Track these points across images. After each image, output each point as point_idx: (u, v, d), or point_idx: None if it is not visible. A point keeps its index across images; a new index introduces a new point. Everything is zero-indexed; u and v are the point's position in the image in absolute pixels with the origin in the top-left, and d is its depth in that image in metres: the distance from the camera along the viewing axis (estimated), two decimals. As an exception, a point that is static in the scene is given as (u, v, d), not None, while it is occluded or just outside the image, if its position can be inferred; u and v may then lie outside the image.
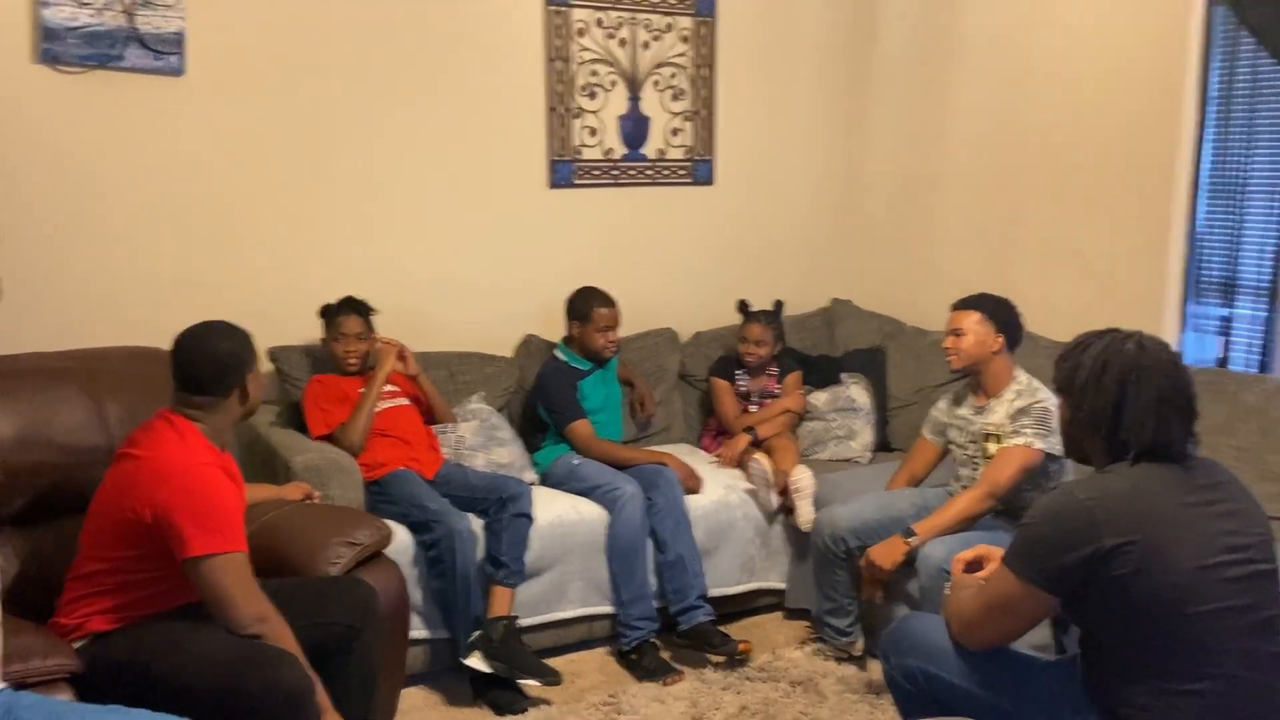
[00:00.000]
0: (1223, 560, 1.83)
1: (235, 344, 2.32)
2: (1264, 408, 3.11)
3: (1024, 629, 1.99)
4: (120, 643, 2.16)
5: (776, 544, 3.57)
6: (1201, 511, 1.87)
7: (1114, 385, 1.91)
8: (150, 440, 2.23)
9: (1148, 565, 1.81)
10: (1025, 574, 1.90)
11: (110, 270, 3.36)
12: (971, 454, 3.08)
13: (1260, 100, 3.28)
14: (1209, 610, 1.81)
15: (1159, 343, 1.95)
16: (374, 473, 3.19)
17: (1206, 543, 1.84)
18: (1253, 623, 1.84)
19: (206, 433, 2.27)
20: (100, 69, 3.23)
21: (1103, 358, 1.93)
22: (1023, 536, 1.94)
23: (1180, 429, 1.91)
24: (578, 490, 3.42)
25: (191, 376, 2.27)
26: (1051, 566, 1.86)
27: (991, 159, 4.06)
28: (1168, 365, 1.92)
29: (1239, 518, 1.89)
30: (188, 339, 2.30)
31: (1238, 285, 3.38)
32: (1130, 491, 1.87)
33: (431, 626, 3.09)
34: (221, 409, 2.30)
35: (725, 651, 3.21)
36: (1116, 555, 1.81)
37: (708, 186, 4.38)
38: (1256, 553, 1.87)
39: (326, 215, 3.68)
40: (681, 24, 4.20)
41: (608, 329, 3.62)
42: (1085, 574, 1.84)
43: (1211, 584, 1.82)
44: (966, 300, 3.09)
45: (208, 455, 2.24)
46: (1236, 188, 3.34)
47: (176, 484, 2.14)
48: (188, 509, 2.13)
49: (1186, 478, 1.90)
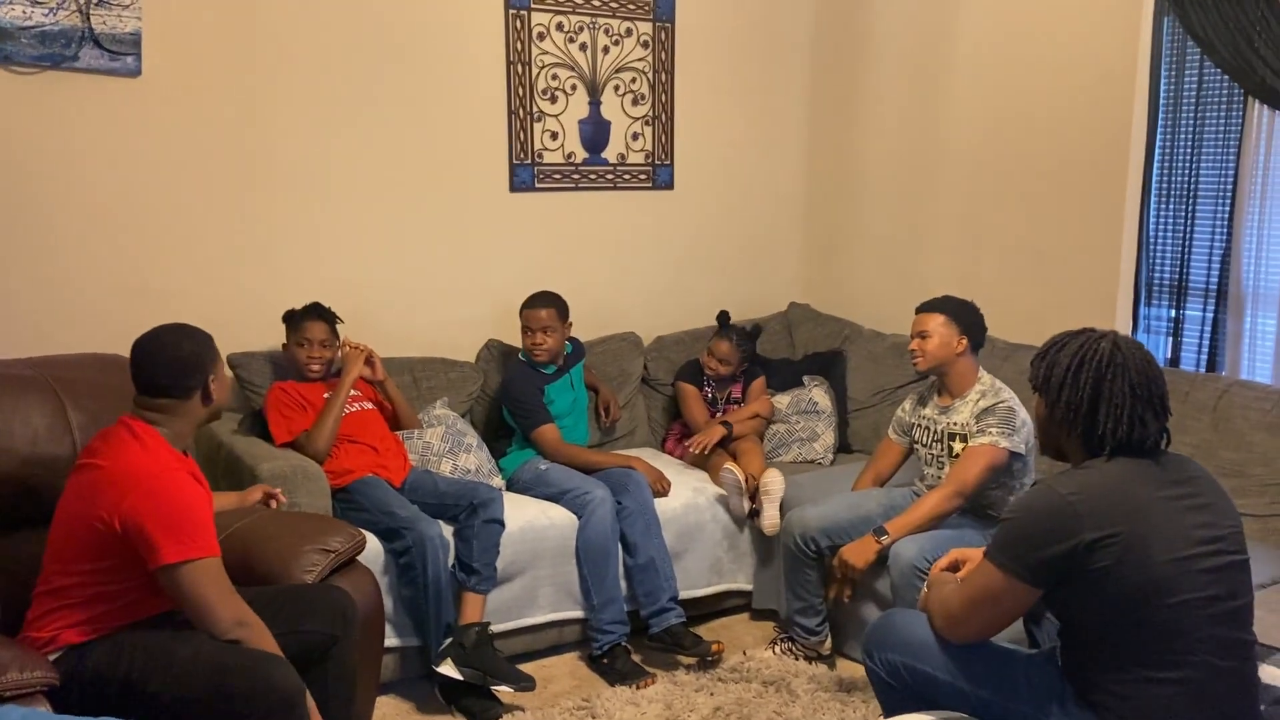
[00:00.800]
0: (1197, 552, 1.89)
1: (197, 344, 2.27)
2: (1214, 405, 3.22)
3: (1007, 621, 2.04)
4: (98, 654, 2.11)
5: (744, 546, 3.60)
6: (1176, 505, 1.92)
7: (1089, 382, 1.96)
8: (112, 449, 2.17)
9: (1127, 558, 1.86)
10: (1008, 567, 1.94)
11: (66, 276, 3.28)
12: (937, 453, 3.14)
13: (1206, 109, 3.39)
14: (1184, 600, 1.87)
15: (1133, 342, 2.01)
16: (341, 480, 3.15)
17: (1182, 535, 1.90)
18: (1226, 611, 1.91)
19: (168, 437, 2.22)
20: (54, 69, 3.15)
21: (1079, 355, 1.99)
22: (1005, 531, 1.98)
23: (1154, 425, 1.97)
24: (546, 495, 3.41)
25: (153, 379, 2.22)
26: (1034, 560, 1.91)
27: (949, 165, 4.14)
28: (1141, 363, 1.97)
29: (1211, 510, 1.95)
30: (148, 341, 2.25)
31: (1187, 288, 3.49)
32: (1110, 486, 1.92)
33: (402, 634, 3.06)
34: (184, 411, 2.24)
35: (697, 653, 3.22)
36: (1097, 548, 1.86)
37: (668, 191, 4.41)
38: (1229, 544, 1.93)
39: (287, 219, 3.63)
40: (641, 28, 4.22)
41: (532, 330, 3.61)
42: (1067, 566, 1.88)
43: (1187, 575, 1.88)
44: (931, 303, 3.14)
45: (172, 460, 2.19)
46: (1185, 193, 3.45)
47: (144, 491, 2.09)
48: (157, 516, 2.07)
49: (1161, 473, 1.96)
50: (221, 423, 3.38)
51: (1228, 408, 3.19)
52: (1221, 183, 3.37)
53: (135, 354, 2.25)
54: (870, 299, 4.45)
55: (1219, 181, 3.38)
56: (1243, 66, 3.16)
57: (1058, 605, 2.00)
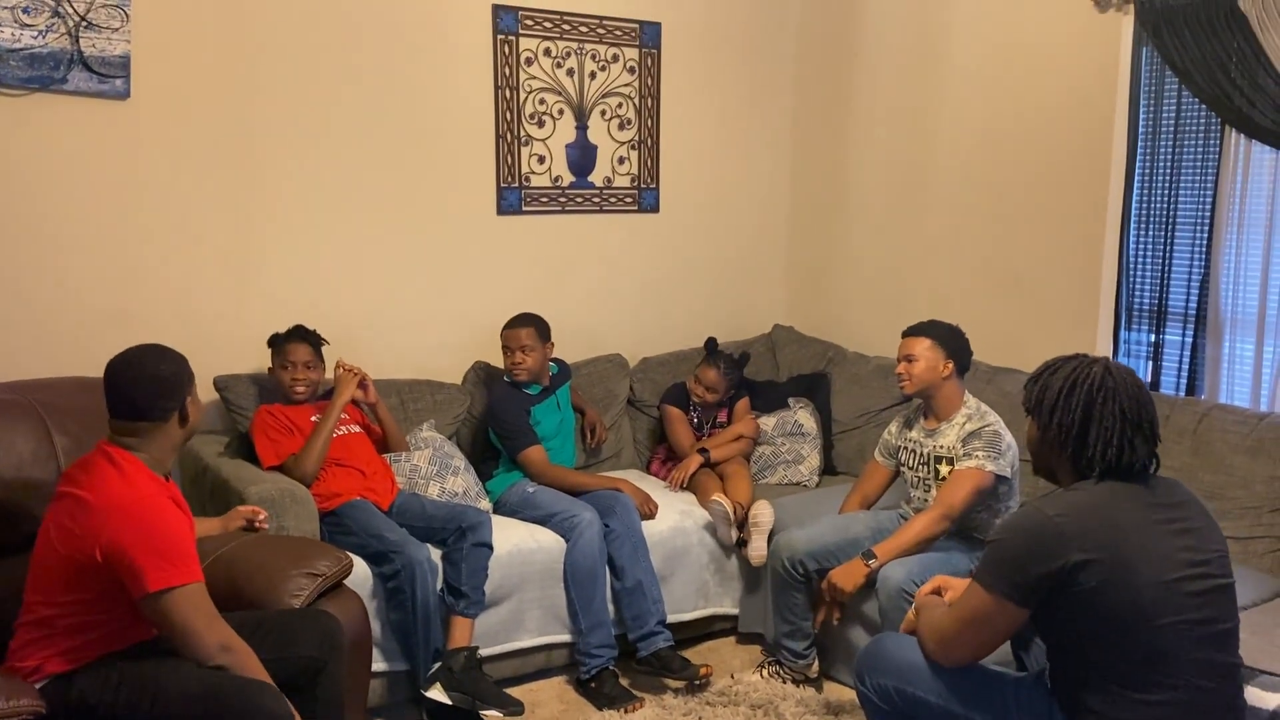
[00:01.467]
0: (1184, 575, 1.92)
1: (173, 365, 2.23)
2: (1194, 429, 3.26)
3: (998, 642, 2.06)
4: (83, 682, 2.09)
5: (730, 570, 3.60)
6: (1164, 529, 1.95)
7: (1080, 404, 2.00)
8: (91, 477, 2.14)
9: (1114, 579, 1.89)
10: (996, 588, 1.96)
11: (52, 298, 3.27)
12: (923, 476, 3.16)
13: (1184, 137, 3.45)
14: (1171, 623, 1.90)
15: (1124, 368, 2.05)
16: (329, 503, 3.14)
17: (1169, 558, 1.92)
18: (1213, 634, 1.93)
19: (148, 462, 2.19)
20: (43, 91, 3.15)
21: (1071, 378, 2.03)
22: (993, 552, 2.00)
23: (1143, 449, 2.00)
24: (533, 518, 3.41)
25: (129, 402, 2.18)
26: (1022, 581, 1.93)
27: (929, 189, 4.19)
28: (1133, 388, 2.01)
29: (1198, 534, 1.98)
30: (122, 364, 2.21)
31: (1167, 312, 3.54)
32: (1097, 508, 1.95)
33: (390, 659, 3.04)
34: (161, 434, 2.21)
35: (685, 676, 3.22)
36: (1084, 569, 1.88)
37: (653, 214, 4.43)
38: (1215, 568, 1.96)
39: (274, 242, 3.63)
40: (628, 54, 4.26)
41: (511, 350, 3.62)
42: (1054, 587, 1.91)
43: (1173, 598, 1.90)
44: (917, 327, 3.17)
45: (152, 486, 2.17)
46: (1164, 220, 3.51)
47: (125, 519, 2.07)
48: (140, 544, 2.05)
49: (1149, 496, 1.99)
50: (207, 445, 3.38)
51: (1208, 431, 3.23)
52: (1200, 209, 3.42)
53: (110, 377, 2.20)
54: (854, 321, 4.49)
55: (1197, 208, 3.43)
56: (1219, 96, 3.22)
57: (1045, 627, 2.02)
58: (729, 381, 3.93)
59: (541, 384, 3.71)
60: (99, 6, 3.16)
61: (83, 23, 3.15)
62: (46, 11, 3.09)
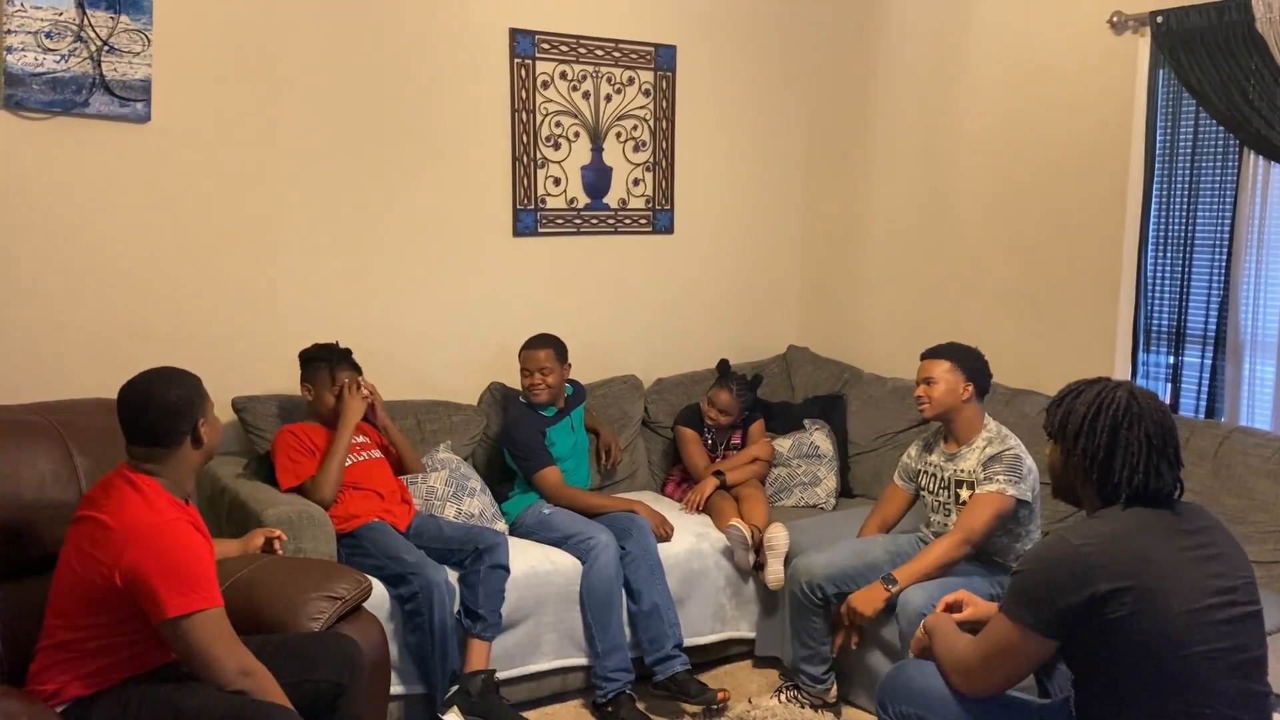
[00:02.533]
0: (1212, 603, 1.89)
1: (184, 389, 2.21)
2: (1215, 452, 3.24)
3: (1024, 674, 2.03)
4: (103, 707, 2.08)
5: (747, 593, 3.58)
6: (1191, 555, 1.93)
7: (1106, 430, 1.98)
8: (112, 501, 2.14)
9: (1142, 608, 1.86)
10: (1023, 620, 1.94)
11: (73, 320, 3.28)
12: (943, 500, 3.14)
13: (1201, 158, 3.44)
14: (1200, 652, 1.87)
15: (1148, 392, 2.03)
16: (346, 525, 3.13)
17: (1197, 586, 1.90)
18: (1241, 663, 1.91)
19: (167, 486, 2.19)
20: (65, 115, 3.17)
21: (1095, 403, 2.01)
22: (1019, 583, 1.98)
23: (1169, 474, 1.98)
24: (550, 540, 3.39)
25: (142, 428, 2.18)
26: (1049, 612, 1.90)
27: (946, 211, 4.19)
28: (1157, 413, 1.99)
29: (1225, 560, 1.96)
30: (131, 391, 2.21)
31: (1185, 334, 3.52)
32: (1123, 536, 1.93)
33: (406, 682, 3.03)
34: (177, 458, 2.21)
35: (703, 701, 3.19)
36: (1112, 599, 1.86)
37: (668, 235, 4.44)
38: (1243, 595, 1.94)
39: (292, 263, 3.64)
40: (643, 78, 4.27)
41: (530, 372, 3.61)
42: (1081, 617, 1.88)
43: (1202, 626, 1.88)
44: (936, 349, 3.16)
45: (173, 511, 2.16)
46: (1182, 242, 3.50)
47: (145, 544, 2.06)
48: (159, 569, 2.05)
49: (1175, 522, 1.97)
50: (226, 467, 3.39)
51: (1228, 454, 3.21)
52: (1218, 231, 3.41)
53: (121, 404, 2.20)
54: (870, 343, 4.48)
55: (1215, 230, 3.42)
56: (1237, 118, 3.22)
57: (1072, 656, 2.00)
58: (742, 404, 3.92)
59: (557, 405, 3.71)
60: (121, 31, 3.19)
61: (105, 47, 3.17)
62: (69, 36, 3.12)
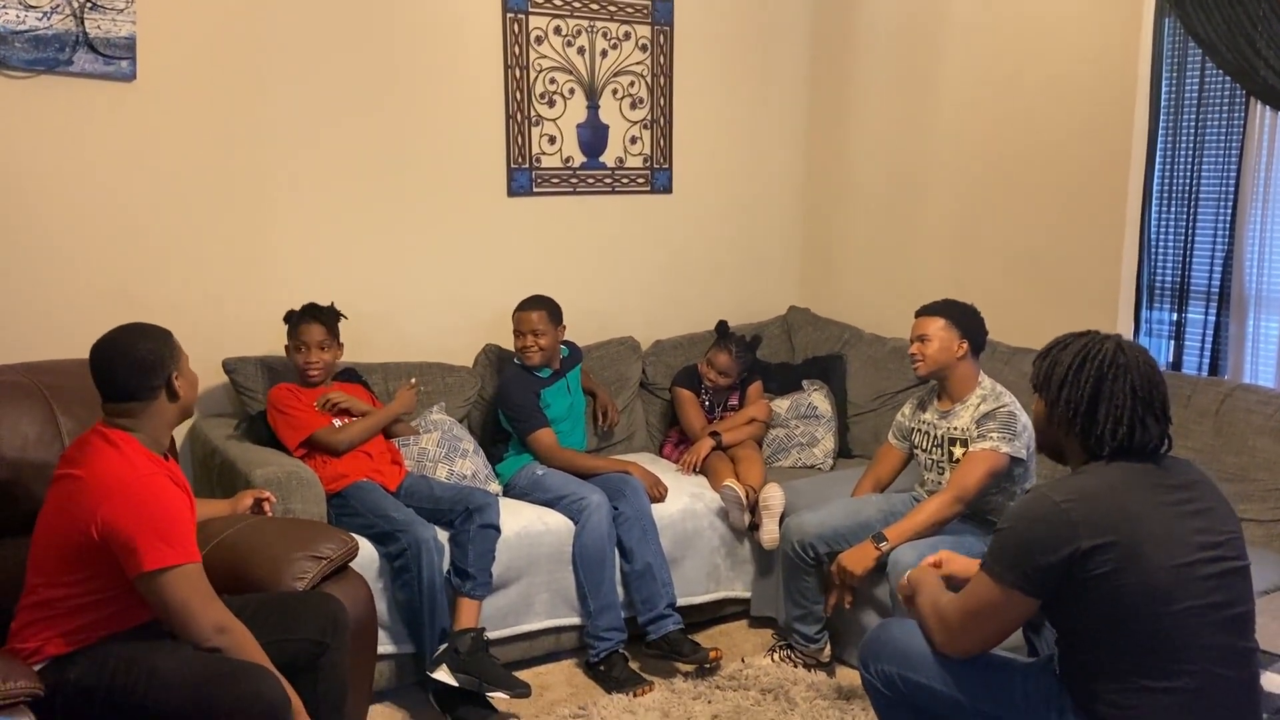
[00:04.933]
0: (1197, 558, 1.86)
1: (152, 342, 2.20)
2: (1217, 410, 3.19)
3: (1007, 632, 2.00)
4: (83, 665, 2.08)
5: (742, 553, 3.57)
6: (1175, 510, 1.89)
7: (1091, 380, 1.94)
8: (88, 457, 2.13)
9: (1125, 565, 1.83)
10: (1005, 578, 1.91)
11: (58, 281, 3.26)
12: (937, 459, 3.11)
13: (1208, 111, 3.36)
14: (1184, 608, 1.84)
15: (1136, 346, 1.99)
16: (335, 485, 3.13)
17: (1181, 541, 1.86)
18: (1227, 619, 1.87)
19: (144, 441, 2.17)
20: (48, 74, 3.14)
21: (1081, 354, 1.97)
22: (1000, 541, 1.95)
23: (1155, 428, 1.94)
24: (542, 500, 3.38)
25: (115, 384, 2.17)
26: (1030, 570, 1.87)
27: (948, 168, 4.11)
28: (1144, 366, 1.95)
29: (1210, 516, 1.92)
30: (101, 347, 2.19)
31: (1189, 290, 3.46)
32: (1105, 491, 1.89)
33: (397, 641, 3.04)
34: (152, 413, 2.19)
35: (695, 660, 3.19)
36: (1094, 556, 1.83)
37: (666, 195, 4.38)
38: (1228, 550, 1.90)
39: (281, 224, 3.61)
40: (639, 32, 4.20)
41: (522, 334, 3.58)
42: (1063, 575, 1.85)
43: (1187, 582, 1.84)
44: (930, 306, 3.11)
45: (150, 465, 2.15)
46: (1187, 196, 3.42)
47: (122, 497, 2.05)
48: (136, 522, 2.04)
49: (1160, 477, 1.93)
50: (217, 428, 3.38)
51: (1230, 412, 3.16)
52: (1223, 185, 3.34)
53: (93, 360, 2.19)
54: (870, 303, 4.42)
55: (1221, 183, 3.35)
56: (1245, 68, 3.13)
57: (1056, 614, 1.97)
58: (741, 364, 3.89)
59: (552, 367, 3.68)
60: (104, -12, 3.15)
61: (88, 4, 3.13)
62: (51, -7, 3.08)
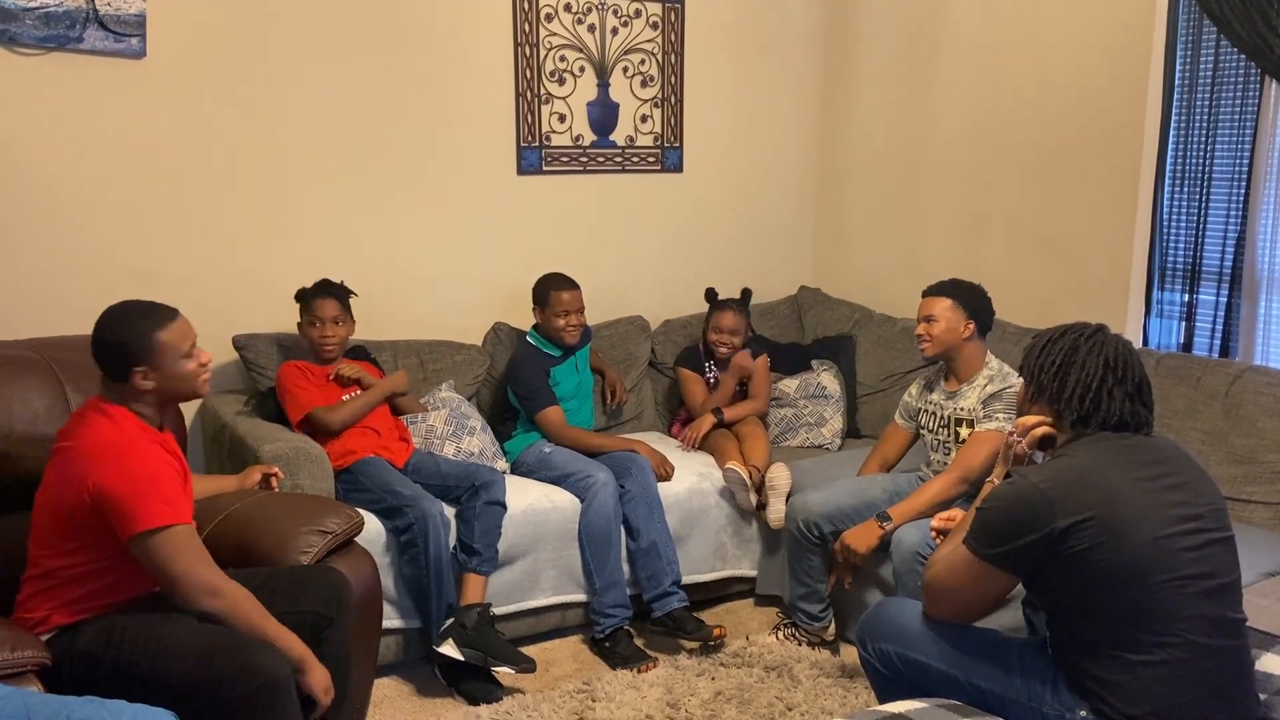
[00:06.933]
0: (1177, 531, 1.89)
1: (121, 334, 2.18)
2: (1227, 391, 3.16)
3: (985, 606, 2.07)
4: (88, 634, 2.11)
5: (748, 532, 3.58)
6: (1151, 485, 1.93)
7: (1065, 348, 2.04)
8: (82, 429, 2.17)
9: (1104, 540, 1.86)
10: (984, 554, 1.97)
11: (69, 258, 3.29)
12: (943, 439, 3.10)
13: (1222, 90, 3.32)
14: (1166, 580, 1.86)
15: (1122, 337, 2.08)
16: (343, 461, 3.15)
17: (1159, 515, 1.89)
18: (1210, 589, 1.89)
19: (141, 414, 2.20)
20: (59, 50, 3.16)
21: (1063, 329, 2.09)
22: (981, 520, 2.00)
23: (1126, 404, 1.99)
24: (549, 478, 3.40)
25: (102, 362, 2.20)
26: (1008, 548, 1.93)
27: (960, 148, 4.08)
28: (1122, 346, 2.04)
29: (1188, 489, 1.95)
30: (96, 324, 2.22)
31: (1201, 272, 3.43)
32: (1082, 470, 1.94)
33: (404, 616, 3.06)
34: (139, 392, 2.20)
35: (699, 637, 3.21)
36: (1072, 533, 1.87)
37: (677, 174, 4.37)
38: (1209, 521, 1.93)
39: (292, 202, 3.63)
40: (650, 9, 4.18)
41: (567, 313, 3.59)
42: (1043, 553, 1.90)
43: (1167, 555, 1.87)
44: (937, 286, 3.10)
45: (141, 433, 2.17)
46: (1200, 176, 3.39)
47: (112, 461, 2.08)
48: (125, 484, 2.07)
49: (1137, 455, 1.97)
50: (227, 404, 3.41)
51: (1239, 393, 3.14)
52: (1237, 165, 3.30)
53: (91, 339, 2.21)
54: (881, 283, 4.40)
55: (1234, 163, 3.31)
56: (1260, 45, 3.09)
57: (1040, 591, 2.01)
58: (746, 319, 3.87)
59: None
60: (114, -35, 3.16)
61: (98, -19, 3.15)
62: (61, -30, 3.10)
